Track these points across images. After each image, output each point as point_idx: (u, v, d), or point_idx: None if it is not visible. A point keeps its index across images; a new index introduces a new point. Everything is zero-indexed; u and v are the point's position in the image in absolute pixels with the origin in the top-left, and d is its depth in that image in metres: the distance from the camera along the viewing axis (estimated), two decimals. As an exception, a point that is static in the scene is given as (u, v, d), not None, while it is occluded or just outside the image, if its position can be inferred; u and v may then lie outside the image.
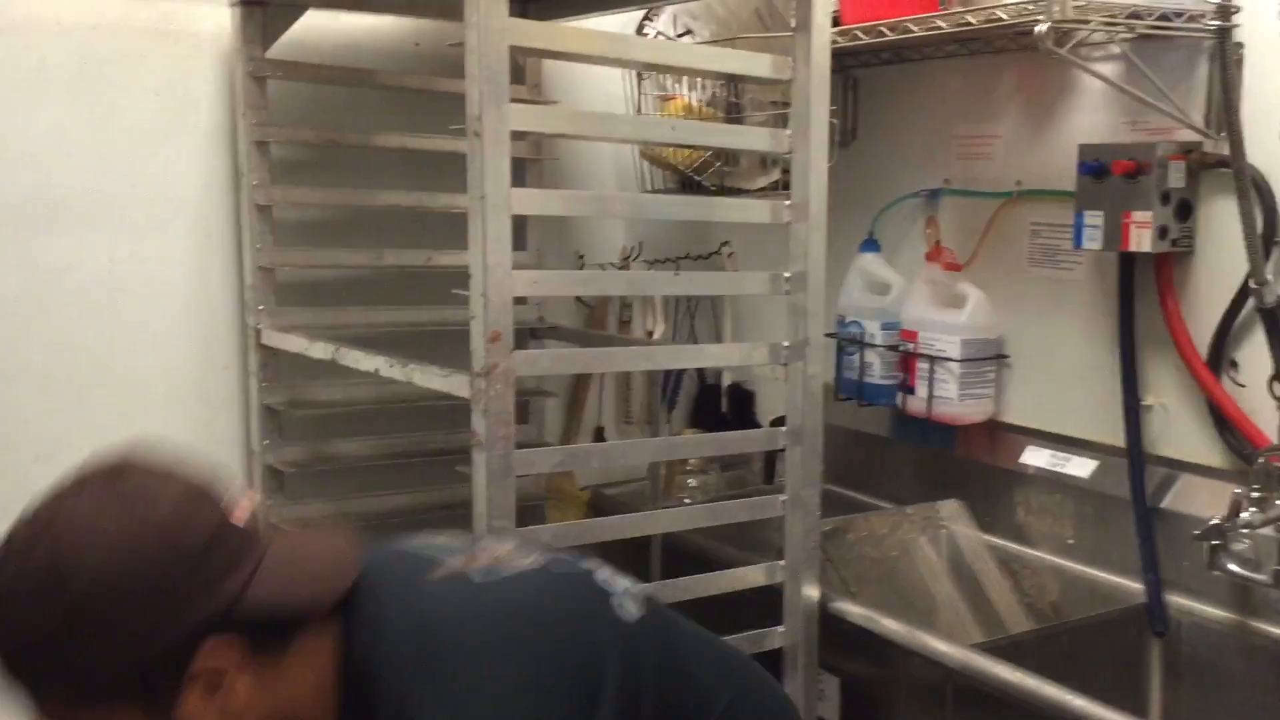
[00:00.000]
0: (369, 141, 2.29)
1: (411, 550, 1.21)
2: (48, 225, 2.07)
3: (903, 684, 1.91)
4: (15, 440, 2.08)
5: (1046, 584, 2.21)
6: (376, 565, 1.16)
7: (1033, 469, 2.24)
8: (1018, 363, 2.30)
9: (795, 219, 1.87)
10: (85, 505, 1.03)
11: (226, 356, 2.27)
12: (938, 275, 2.34)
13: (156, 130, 2.15)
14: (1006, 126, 2.29)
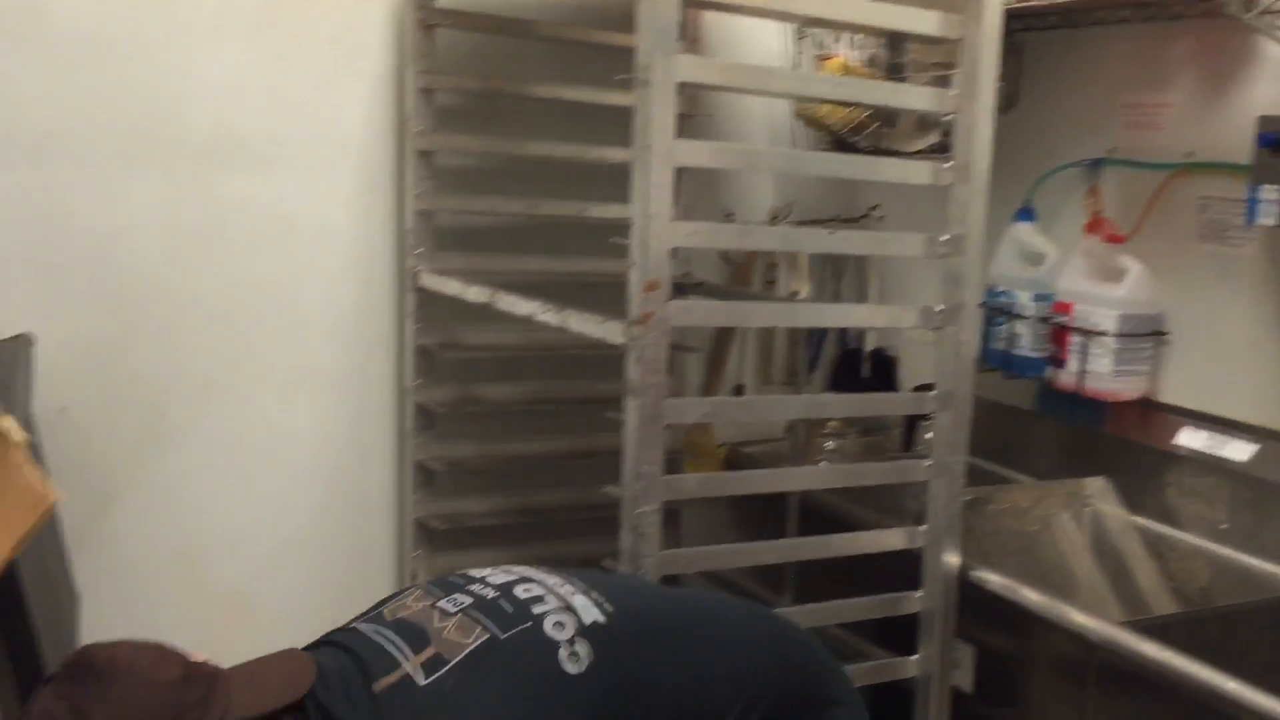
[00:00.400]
0: (529, 92, 2.32)
1: (361, 652, 1.30)
2: (226, 163, 2.17)
3: (1041, 658, 1.89)
4: (188, 367, 2.19)
5: (1195, 568, 2.15)
6: (326, 677, 1.26)
7: (1187, 450, 2.17)
8: (1177, 340, 2.23)
9: (956, 181, 1.84)
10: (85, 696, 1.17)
11: (384, 297, 2.34)
12: (1097, 247, 2.28)
13: (329, 75, 2.22)
14: (1179, 95, 2.21)
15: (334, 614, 2.40)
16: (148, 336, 2.15)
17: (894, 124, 2.32)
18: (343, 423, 2.34)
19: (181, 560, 2.24)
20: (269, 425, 2.28)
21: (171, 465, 2.21)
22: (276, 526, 2.32)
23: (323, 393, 2.32)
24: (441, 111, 2.29)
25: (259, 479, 2.29)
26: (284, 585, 2.34)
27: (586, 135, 2.36)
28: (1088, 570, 2.26)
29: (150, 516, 2.21)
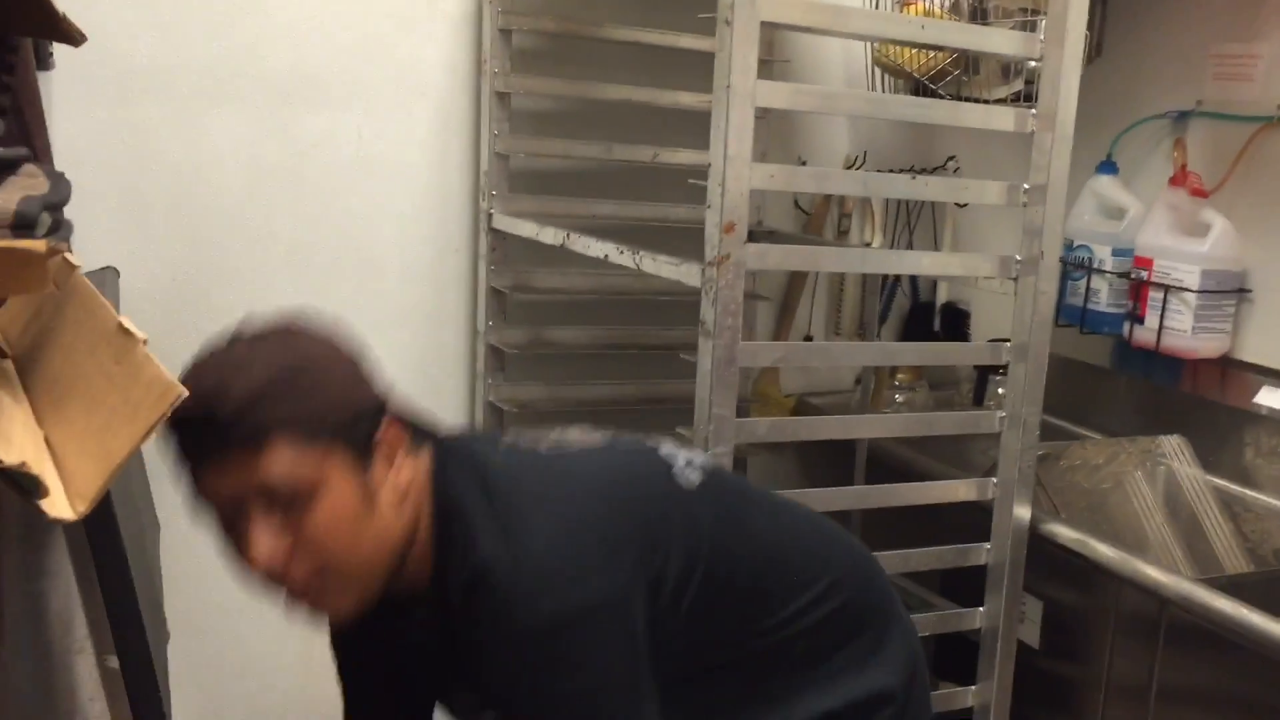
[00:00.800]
0: (606, 34, 2.31)
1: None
2: (304, 102, 2.18)
3: (1110, 613, 1.88)
4: (265, 303, 2.21)
5: (1271, 529, 2.12)
6: (454, 434, 1.32)
7: (1267, 410, 2.14)
8: (1261, 298, 2.19)
9: (1041, 129, 1.81)
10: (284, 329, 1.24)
11: (459, 239, 2.35)
12: (1181, 201, 2.23)
13: (408, 15, 2.23)
14: (1271, 46, 2.15)
15: (403, 550, 2.45)
16: (227, 272, 2.18)
17: (977, 71, 2.28)
18: (416, 362, 2.37)
19: (257, 493, 2.29)
20: (343, 363, 2.31)
21: (249, 400, 2.25)
22: (349, 463, 2.35)
23: (396, 332, 2.34)
24: (519, 53, 2.29)
25: (333, 416, 2.32)
26: (356, 521, 2.38)
27: (661, 79, 2.35)
28: (1159, 529, 2.23)
29: (227, 449, 2.25)
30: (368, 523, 1.15)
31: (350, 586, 1.16)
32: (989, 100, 2.27)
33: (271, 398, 1.11)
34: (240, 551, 1.14)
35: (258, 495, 1.10)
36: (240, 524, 1.12)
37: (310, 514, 1.11)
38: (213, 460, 1.11)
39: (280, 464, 1.09)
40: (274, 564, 1.11)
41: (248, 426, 1.09)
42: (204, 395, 1.07)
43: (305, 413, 1.12)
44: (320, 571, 1.13)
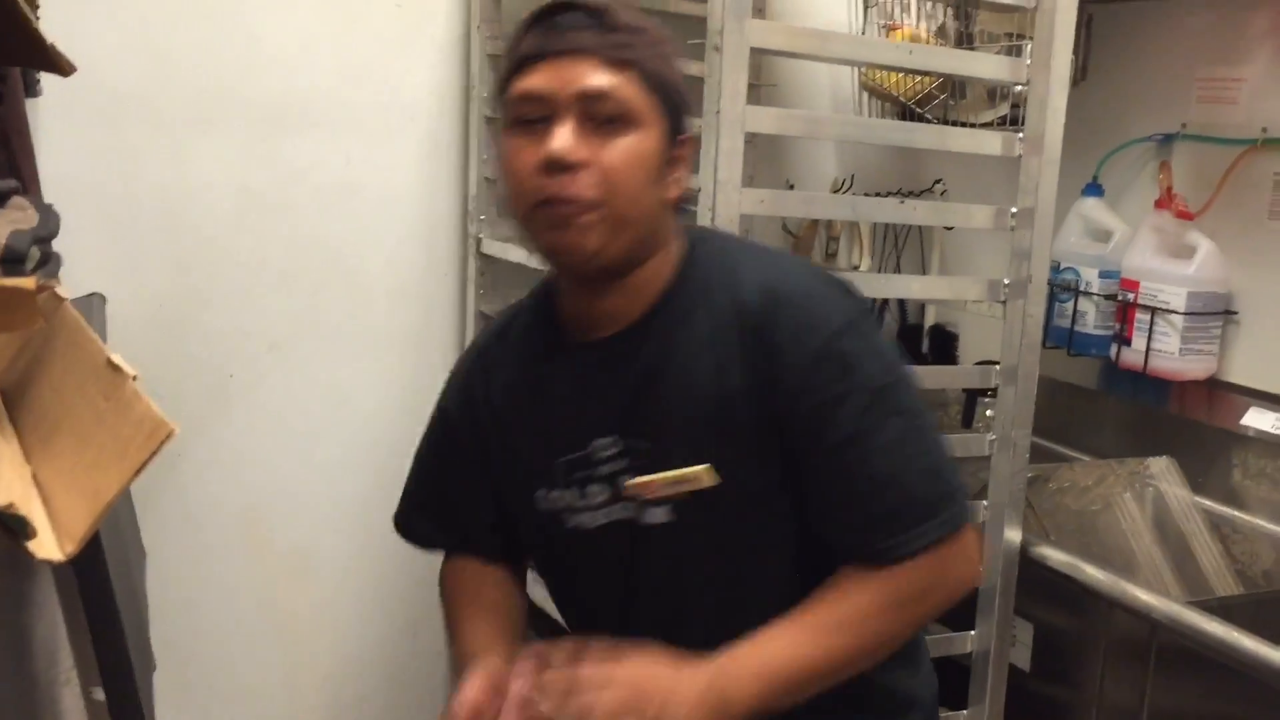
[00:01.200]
0: (594, 60, 2.32)
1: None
2: (293, 126, 2.18)
3: (1101, 636, 1.88)
4: (254, 329, 2.22)
5: (1260, 551, 2.12)
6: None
7: (1254, 431, 2.14)
8: (1247, 320, 2.20)
9: (1028, 153, 1.82)
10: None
11: (447, 263, 2.35)
12: (1166, 223, 2.24)
13: (396, 40, 2.23)
14: (1255, 70, 2.17)
15: (391, 575, 2.44)
16: (215, 298, 2.18)
17: (963, 95, 2.30)
18: (404, 387, 2.36)
19: (245, 519, 2.28)
20: (332, 388, 2.30)
21: (237, 425, 2.24)
22: (338, 487, 2.35)
23: (385, 356, 2.34)
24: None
25: (322, 440, 2.32)
26: (343, 546, 2.37)
27: (650, 104, 2.36)
28: (1149, 550, 2.23)
29: (215, 476, 2.24)
30: (650, 187, 1.19)
31: (611, 227, 1.17)
32: (975, 124, 2.28)
33: (645, 41, 1.20)
34: (535, 149, 1.16)
35: (588, 101, 1.15)
36: (551, 124, 1.16)
37: (619, 140, 1.16)
38: (576, 51, 1.16)
39: (625, 85, 1.16)
40: (573, 155, 1.14)
41: (622, 40, 1.17)
42: (596, 4, 1.18)
43: (658, 70, 1.20)
44: (600, 195, 1.16)
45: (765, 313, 1.19)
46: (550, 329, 1.32)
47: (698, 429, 1.21)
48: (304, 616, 2.35)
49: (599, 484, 1.27)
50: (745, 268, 1.24)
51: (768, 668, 1.15)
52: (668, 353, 1.23)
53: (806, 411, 1.18)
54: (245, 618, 2.30)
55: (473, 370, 1.39)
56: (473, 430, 1.37)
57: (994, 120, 2.26)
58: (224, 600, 2.27)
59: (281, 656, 2.35)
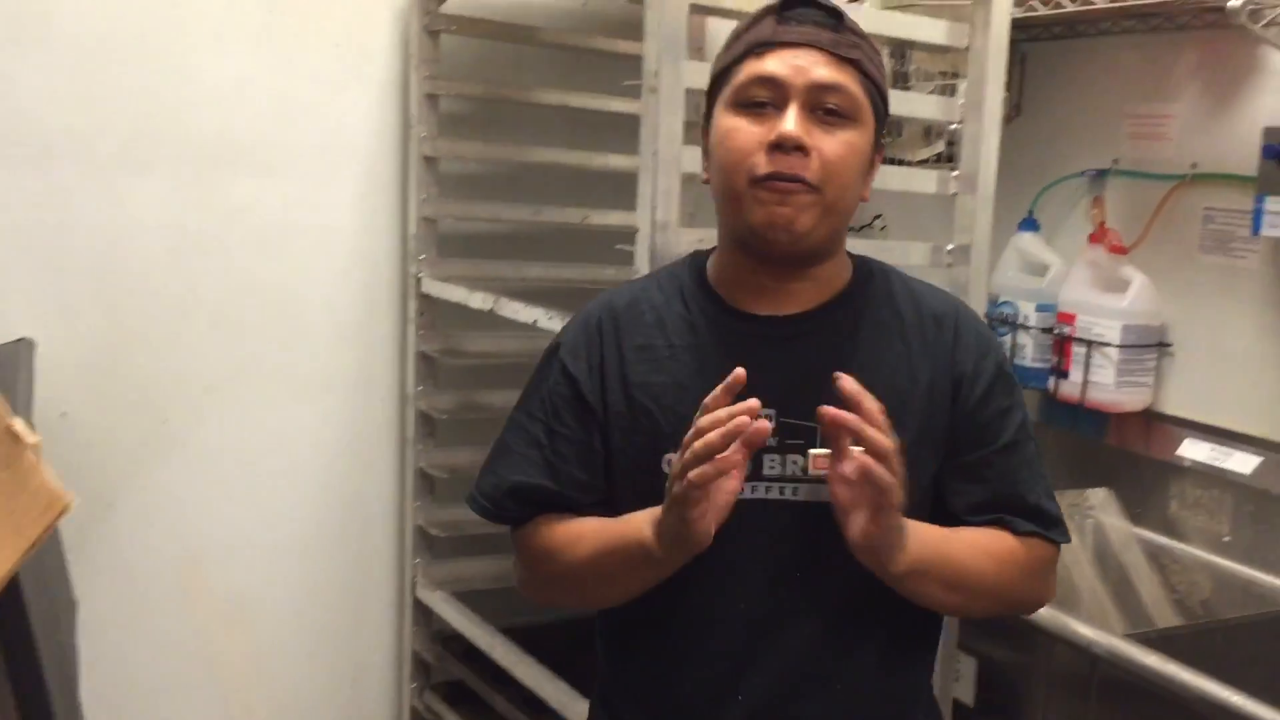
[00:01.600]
0: (533, 99, 2.32)
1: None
2: (229, 167, 2.16)
3: (1043, 670, 1.88)
4: (190, 372, 2.19)
5: (1198, 581, 2.14)
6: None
7: (1190, 462, 2.17)
8: (1181, 352, 2.23)
9: (962, 191, 1.84)
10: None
11: (387, 303, 2.34)
12: (1101, 258, 2.27)
13: (333, 80, 2.22)
14: (1184, 106, 2.21)
15: (333, 621, 2.40)
16: (149, 341, 2.15)
17: (899, 133, 2.32)
18: (344, 429, 2.34)
19: (181, 566, 2.24)
20: (270, 431, 2.27)
21: (172, 470, 2.20)
22: (277, 533, 2.31)
23: (324, 398, 2.31)
24: (446, 118, 2.29)
25: (260, 485, 2.28)
26: (283, 592, 2.33)
27: (591, 142, 2.36)
28: (1090, 582, 2.25)
29: (150, 522, 2.20)
30: (858, 182, 1.26)
31: (823, 213, 1.23)
32: (913, 161, 2.30)
33: (868, 45, 1.27)
34: (761, 129, 1.21)
35: (818, 91, 1.21)
36: (778, 108, 1.21)
37: (840, 133, 1.22)
38: (811, 44, 1.22)
39: (851, 83, 1.23)
40: (803, 139, 1.20)
41: (851, 40, 1.24)
42: (831, 3, 1.26)
43: (876, 75, 1.26)
44: (818, 180, 1.21)
45: (954, 327, 1.32)
46: (711, 299, 1.32)
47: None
48: (242, 667, 2.31)
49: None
50: (920, 285, 1.37)
51: (942, 550, 1.24)
52: (853, 340, 1.29)
53: (985, 416, 1.30)
54: (180, 669, 2.25)
55: (599, 334, 1.34)
56: (600, 395, 1.31)
57: (930, 157, 2.29)
58: (158, 651, 2.23)
59: (218, 709, 2.30)
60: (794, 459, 1.25)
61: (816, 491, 1.24)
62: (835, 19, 1.24)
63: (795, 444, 1.25)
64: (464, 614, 2.28)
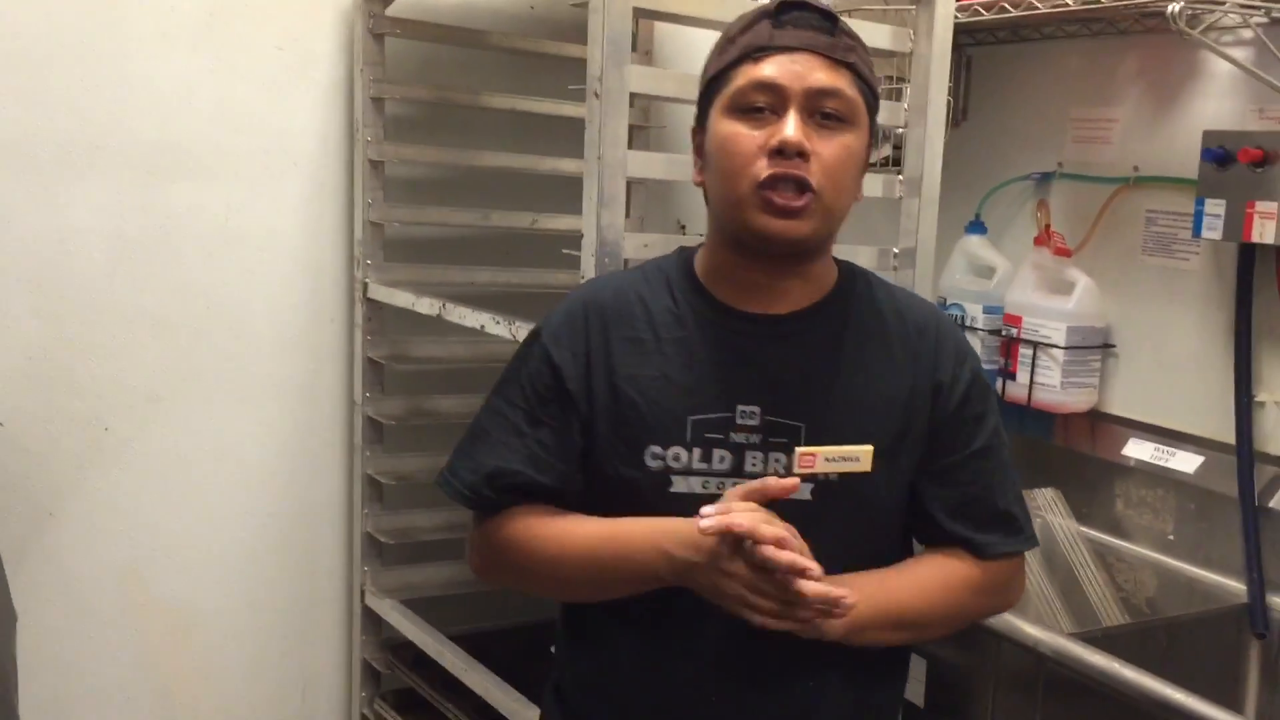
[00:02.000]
0: (480, 102, 2.31)
1: None
2: (170, 172, 2.13)
3: (992, 670, 1.89)
4: (131, 380, 2.15)
5: (1143, 579, 2.17)
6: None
7: (1135, 461, 2.19)
8: (1125, 353, 2.25)
9: (908, 194, 1.85)
10: None
11: (333, 308, 2.31)
12: (1046, 260, 2.29)
13: (278, 83, 2.20)
14: (1126, 110, 2.24)
15: (282, 630, 2.37)
16: (90, 349, 2.11)
17: (846, 137, 2.33)
18: (291, 436, 2.31)
19: (125, 577, 2.20)
20: (215, 439, 2.24)
21: (114, 480, 2.16)
22: (223, 542, 2.28)
23: (271, 405, 2.28)
24: (392, 121, 2.27)
25: (205, 494, 2.25)
26: (230, 602, 2.30)
27: (539, 146, 2.35)
28: (1038, 581, 2.27)
29: (92, 533, 2.16)
30: (853, 185, 1.29)
31: (821, 216, 1.25)
32: (860, 164, 2.31)
33: (862, 48, 1.29)
34: (761, 134, 1.22)
35: (816, 96, 1.22)
36: (777, 113, 1.23)
37: (837, 137, 1.24)
38: (808, 49, 1.23)
39: (850, 86, 1.25)
40: (804, 144, 1.21)
41: (846, 44, 1.26)
42: (825, 7, 1.26)
43: (870, 78, 1.28)
44: (817, 184, 1.22)
45: (935, 336, 1.35)
46: (701, 295, 1.33)
47: (863, 417, 1.30)
48: (187, 677, 2.28)
49: (727, 450, 1.27)
50: (901, 293, 1.42)
51: (883, 605, 1.28)
52: (840, 342, 1.32)
53: (961, 420, 1.34)
54: (125, 681, 2.21)
55: (585, 324, 1.33)
56: (584, 385, 1.31)
57: (877, 161, 2.30)
58: (102, 663, 2.19)
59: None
60: (777, 457, 1.27)
61: (799, 491, 1.25)
62: (830, 22, 1.25)
63: (779, 442, 1.27)
64: (414, 621, 2.26)
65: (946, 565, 1.34)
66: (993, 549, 1.35)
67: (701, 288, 1.33)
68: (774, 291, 1.31)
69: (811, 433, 1.27)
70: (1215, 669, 1.98)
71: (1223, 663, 1.98)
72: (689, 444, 1.27)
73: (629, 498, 1.28)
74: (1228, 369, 2.03)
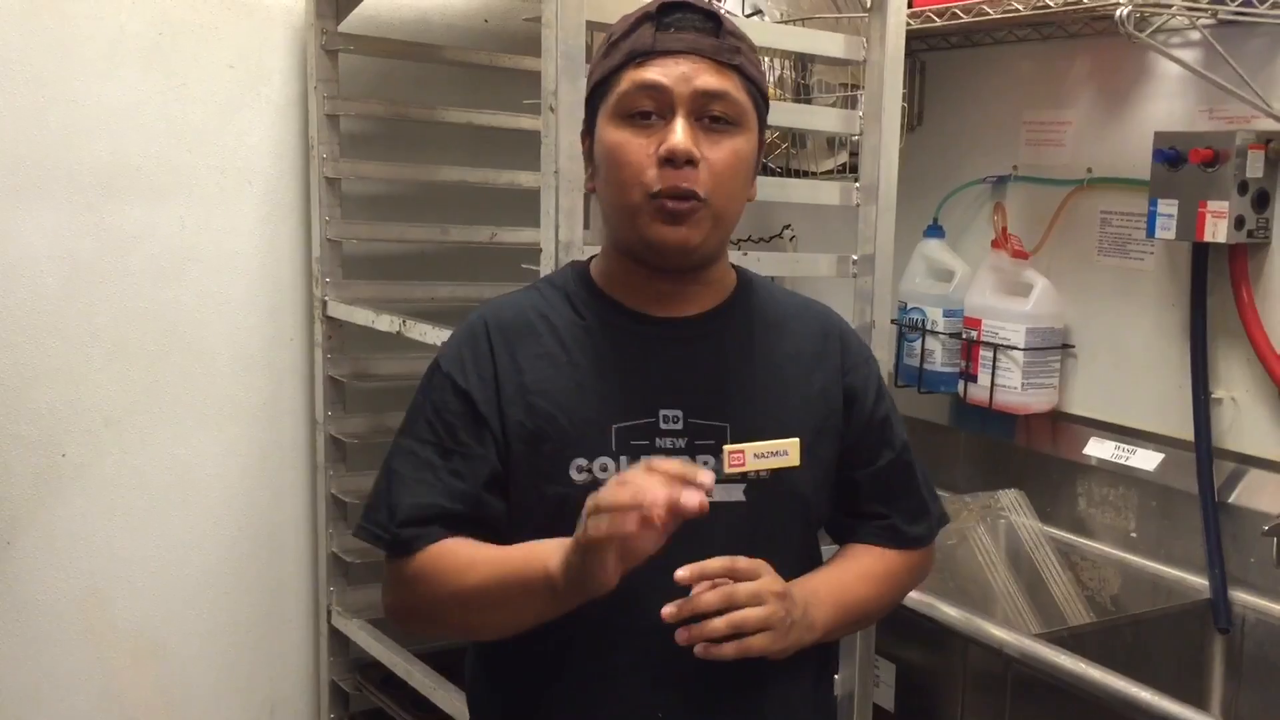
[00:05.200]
0: (437, 117, 2.30)
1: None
2: (121, 193, 2.11)
3: (960, 672, 1.90)
4: (87, 404, 2.12)
5: (1107, 577, 2.19)
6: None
7: (1096, 460, 2.21)
8: (1083, 353, 2.27)
9: (865, 201, 1.86)
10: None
11: (293, 327, 2.29)
12: (1003, 262, 2.31)
13: (230, 101, 2.18)
14: (1078, 113, 2.26)
15: (247, 654, 2.35)
16: (45, 374, 2.08)
17: (804, 144, 2.34)
18: (253, 457, 2.29)
19: (86, 604, 2.17)
20: (175, 462, 2.21)
21: (72, 506, 2.13)
22: (185, 566, 2.25)
23: (231, 427, 2.26)
24: (348, 138, 2.26)
25: (166, 518, 2.22)
26: (194, 627, 2.28)
27: (497, 159, 2.34)
28: (1004, 583, 2.28)
29: (51, 559, 2.13)
30: (745, 187, 1.28)
31: (712, 223, 1.23)
32: (818, 172, 2.32)
33: (748, 46, 1.26)
34: (649, 141, 1.20)
35: (703, 99, 1.20)
36: (664, 119, 1.21)
37: (726, 140, 1.22)
38: (693, 51, 1.21)
39: (736, 89, 1.22)
40: (693, 151, 1.19)
41: (732, 45, 1.23)
42: (708, 5, 1.24)
43: (757, 77, 1.27)
44: (707, 191, 1.21)
45: (839, 338, 1.38)
46: (607, 304, 1.31)
47: (784, 413, 1.29)
48: (152, 704, 2.25)
49: (654, 456, 1.21)
50: (795, 295, 1.43)
51: (842, 600, 1.31)
52: (751, 339, 1.32)
53: (878, 420, 1.38)
54: (88, 709, 2.18)
55: (489, 346, 1.29)
56: (496, 407, 1.26)
57: (835, 167, 2.31)
58: (64, 691, 2.16)
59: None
60: (705, 459, 1.24)
61: (731, 491, 1.24)
62: (715, 23, 1.23)
63: (706, 444, 1.25)
64: (381, 641, 2.24)
65: (885, 556, 1.40)
66: (925, 539, 1.43)
67: (606, 296, 1.31)
68: (679, 296, 1.29)
69: (736, 431, 1.26)
70: (1181, 664, 2.00)
71: (1188, 658, 2.00)
72: (614, 453, 1.24)
73: (559, 515, 1.22)
74: (1184, 367, 2.05)
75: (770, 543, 1.26)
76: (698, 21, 1.22)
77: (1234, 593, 1.97)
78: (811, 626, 1.25)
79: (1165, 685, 1.61)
